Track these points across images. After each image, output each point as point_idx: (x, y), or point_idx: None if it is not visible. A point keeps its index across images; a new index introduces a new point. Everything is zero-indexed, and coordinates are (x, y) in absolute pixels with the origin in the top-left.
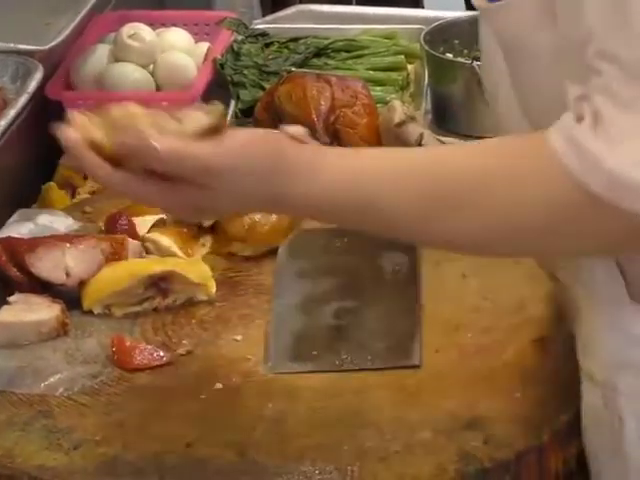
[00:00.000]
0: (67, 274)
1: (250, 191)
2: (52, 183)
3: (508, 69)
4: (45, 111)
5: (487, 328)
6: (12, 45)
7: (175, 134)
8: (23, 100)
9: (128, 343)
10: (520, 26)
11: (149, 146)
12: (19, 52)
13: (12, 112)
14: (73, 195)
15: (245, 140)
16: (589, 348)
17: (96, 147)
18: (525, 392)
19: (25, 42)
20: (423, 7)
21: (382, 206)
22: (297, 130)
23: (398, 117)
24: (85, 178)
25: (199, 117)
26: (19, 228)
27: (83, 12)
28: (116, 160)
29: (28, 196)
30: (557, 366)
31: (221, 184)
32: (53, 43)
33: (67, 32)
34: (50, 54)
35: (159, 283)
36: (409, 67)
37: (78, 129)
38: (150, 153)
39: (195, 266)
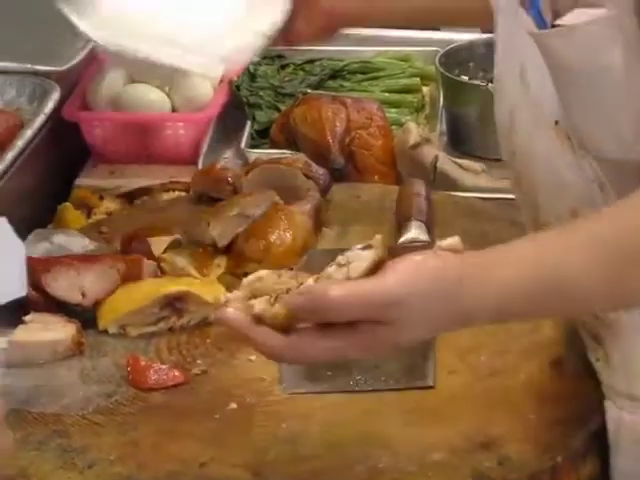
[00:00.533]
0: (83, 294)
1: (429, 314)
2: (68, 203)
3: (562, 93)
4: (62, 132)
5: (501, 350)
6: (29, 66)
7: (343, 280)
8: (40, 121)
9: (143, 363)
10: (588, 47)
11: (324, 299)
12: (36, 73)
13: (29, 132)
14: (89, 215)
15: (410, 268)
16: (630, 368)
17: (259, 320)
18: (539, 413)
19: (42, 63)
20: (439, 29)
21: (570, 281)
22: (452, 242)
23: (413, 139)
24: (101, 198)
25: (360, 256)
26: (35, 248)
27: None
28: (282, 326)
29: (44, 216)
30: (571, 387)
31: (401, 315)
32: (70, 64)
33: (84, 53)
34: (67, 75)
35: (174, 303)
36: (424, 89)
37: (236, 307)
38: (327, 306)
39: (210, 286)
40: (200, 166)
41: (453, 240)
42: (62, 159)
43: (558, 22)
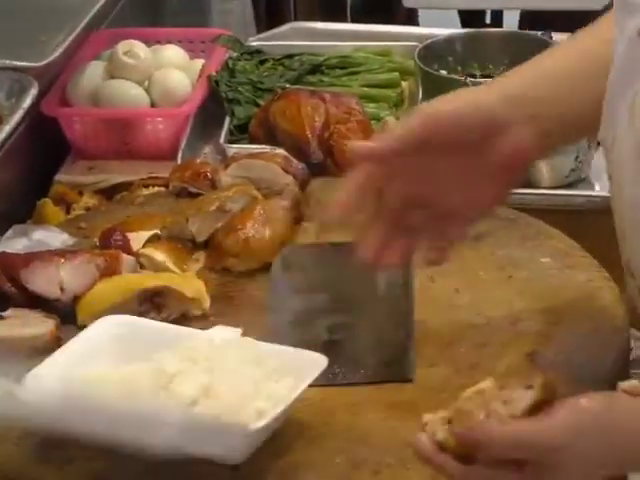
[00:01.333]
0: (61, 289)
1: (589, 461)
2: (47, 199)
3: None
4: (42, 127)
5: (480, 343)
6: (7, 62)
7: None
8: (17, 117)
9: None
10: None
11: (484, 436)
12: (14, 68)
13: (6, 128)
14: (68, 211)
15: (574, 411)
16: None
17: (442, 446)
18: None
19: (20, 59)
20: (418, 24)
21: None
22: (633, 385)
23: None
24: (80, 194)
25: (524, 395)
26: (13, 244)
27: (78, 29)
28: (462, 455)
29: (23, 212)
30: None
31: (564, 460)
32: (48, 60)
33: (62, 48)
34: (45, 71)
35: (153, 298)
36: (403, 84)
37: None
38: (487, 443)
39: (189, 281)
40: (179, 161)
41: (633, 384)
42: (42, 155)
43: None
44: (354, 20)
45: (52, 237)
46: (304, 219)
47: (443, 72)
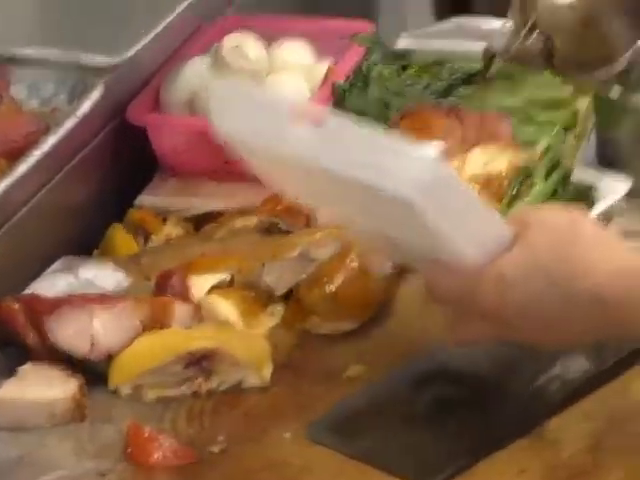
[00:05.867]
0: (92, 344)
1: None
2: (118, 225)
3: None
4: (126, 138)
5: None
6: (73, 56)
7: None
8: (68, 125)
9: (146, 434)
10: None
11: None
12: (81, 66)
13: (51, 140)
14: (146, 241)
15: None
16: None
17: None
18: None
19: (90, 52)
20: None
21: None
22: None
23: None
24: (164, 221)
25: None
26: (56, 280)
27: (170, 17)
28: None
29: (95, 239)
30: None
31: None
32: (124, 56)
33: (144, 42)
34: (123, 70)
35: (202, 362)
36: (579, 102)
37: None
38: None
39: (251, 342)
40: None
41: None
42: (124, 171)
43: None
44: None
45: (104, 276)
46: (408, 271)
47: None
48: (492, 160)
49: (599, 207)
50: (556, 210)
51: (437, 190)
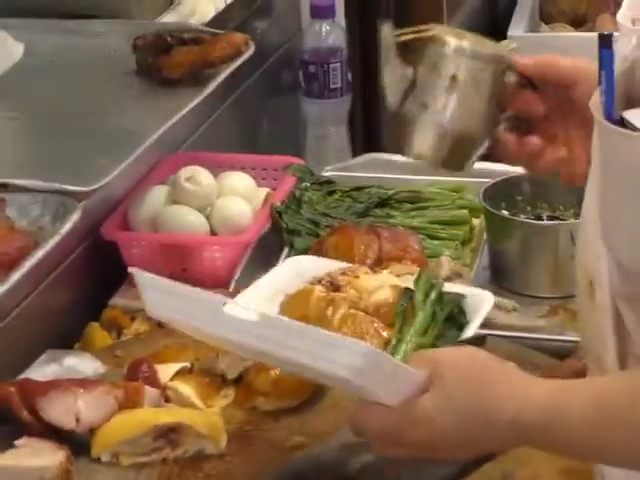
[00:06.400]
0: (77, 420)
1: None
2: (94, 324)
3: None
4: (100, 252)
5: None
6: (57, 185)
7: None
8: (53, 242)
9: None
10: None
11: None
12: (61, 192)
13: (39, 253)
14: (118, 337)
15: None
16: None
17: None
18: None
19: (69, 182)
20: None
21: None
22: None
23: (444, 273)
24: (132, 319)
25: None
26: (43, 369)
27: (135, 154)
28: None
29: (74, 336)
30: None
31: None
32: (96, 185)
33: (113, 174)
34: (98, 195)
35: (169, 434)
36: (475, 221)
37: None
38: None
39: (207, 418)
40: (231, 290)
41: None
42: (99, 279)
43: (625, 114)
44: None
45: (84, 365)
46: None
47: (505, 212)
48: (379, 288)
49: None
50: (457, 350)
51: (367, 368)
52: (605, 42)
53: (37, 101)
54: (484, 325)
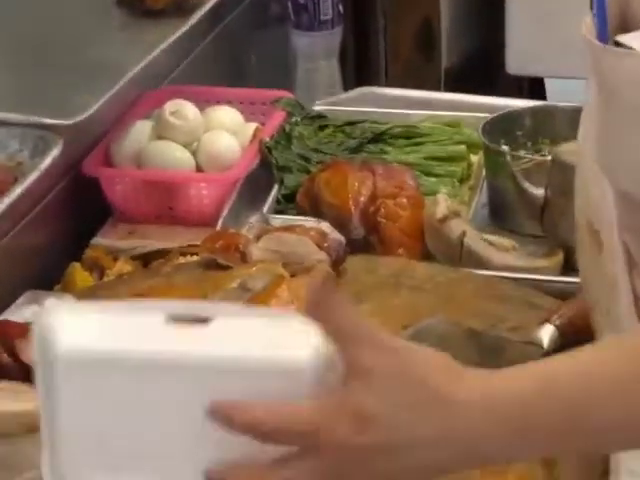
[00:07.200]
0: None
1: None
2: (76, 264)
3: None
4: (82, 189)
5: None
6: (36, 118)
7: None
8: (32, 177)
9: None
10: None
11: None
12: (41, 126)
13: (18, 190)
14: (101, 277)
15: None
16: None
17: None
18: None
19: (49, 116)
20: (544, 96)
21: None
22: None
23: (440, 212)
24: (115, 260)
25: None
26: (22, 311)
27: (117, 87)
28: None
29: (55, 277)
30: None
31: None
32: (78, 118)
33: (94, 108)
34: (79, 129)
35: None
36: (473, 157)
37: None
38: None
39: None
40: (218, 229)
41: None
42: (81, 217)
43: (619, 38)
44: (449, 88)
45: None
46: None
47: (505, 148)
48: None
49: None
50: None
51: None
52: None
53: (16, 35)
54: (481, 265)
